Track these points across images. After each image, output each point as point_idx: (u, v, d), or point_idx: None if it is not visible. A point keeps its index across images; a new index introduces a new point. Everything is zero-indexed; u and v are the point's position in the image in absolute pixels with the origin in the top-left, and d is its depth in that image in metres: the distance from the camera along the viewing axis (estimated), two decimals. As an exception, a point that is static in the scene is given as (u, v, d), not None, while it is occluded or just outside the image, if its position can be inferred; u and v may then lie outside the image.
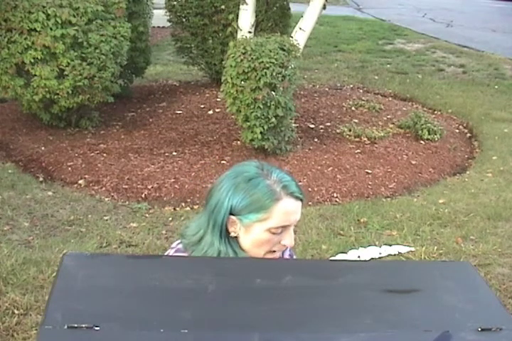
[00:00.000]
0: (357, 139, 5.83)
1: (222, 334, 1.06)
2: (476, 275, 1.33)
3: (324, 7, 5.99)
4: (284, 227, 1.47)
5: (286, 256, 1.81)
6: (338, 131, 5.99)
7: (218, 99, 6.57)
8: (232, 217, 1.47)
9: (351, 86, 8.18)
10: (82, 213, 4.29)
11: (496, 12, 16.36)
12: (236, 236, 1.50)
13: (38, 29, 5.01)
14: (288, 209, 1.45)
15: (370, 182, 5.03)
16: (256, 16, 6.22)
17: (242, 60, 4.81)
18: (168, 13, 7.04)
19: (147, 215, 4.34)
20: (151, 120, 6.16)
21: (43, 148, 5.35)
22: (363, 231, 4.23)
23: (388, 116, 6.63)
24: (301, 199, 1.48)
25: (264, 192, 1.44)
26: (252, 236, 1.48)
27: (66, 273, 1.19)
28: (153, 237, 3.96)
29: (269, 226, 1.45)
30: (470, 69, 9.51)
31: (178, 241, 1.62)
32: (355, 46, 10.61)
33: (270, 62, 4.77)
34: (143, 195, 4.63)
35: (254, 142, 5.04)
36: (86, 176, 4.86)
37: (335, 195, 4.81)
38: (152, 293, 1.17)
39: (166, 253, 1.62)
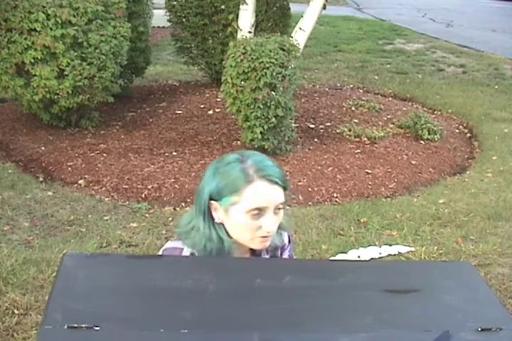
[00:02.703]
0: (357, 139, 5.83)
1: (222, 334, 1.06)
2: (476, 275, 1.33)
3: (324, 7, 5.98)
4: (261, 210, 1.48)
5: (286, 256, 1.81)
6: (338, 131, 5.99)
7: (218, 99, 6.57)
8: (213, 202, 1.51)
9: (351, 86, 8.18)
10: (82, 213, 4.29)
11: (496, 12, 16.36)
12: (222, 223, 1.53)
13: (38, 29, 5.01)
14: (260, 192, 1.47)
15: (370, 182, 5.03)
16: (256, 16, 6.22)
17: (242, 60, 4.81)
18: (168, 13, 7.04)
19: (147, 215, 4.34)
20: (151, 120, 6.16)
21: (43, 148, 5.35)
22: (363, 231, 4.23)
23: (388, 116, 6.63)
24: (278, 183, 1.49)
25: (237, 175, 1.47)
26: (232, 221, 1.51)
27: (66, 273, 1.19)
28: (153, 237, 3.96)
29: (244, 208, 1.47)
30: (470, 69, 9.51)
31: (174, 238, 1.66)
32: (355, 46, 10.61)
33: (270, 62, 4.77)
34: (143, 195, 4.63)
35: (254, 142, 5.04)
36: (86, 176, 4.86)
37: (335, 195, 4.81)
38: (152, 293, 1.17)
39: (163, 247, 1.64)
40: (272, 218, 1.50)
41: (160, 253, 1.65)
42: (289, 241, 1.84)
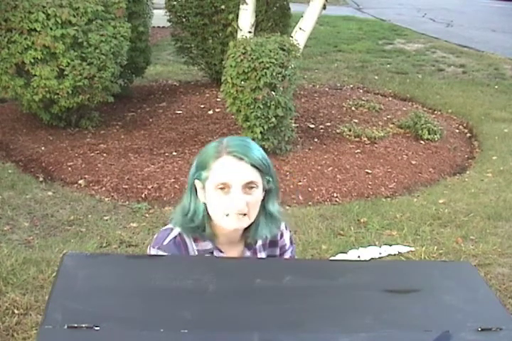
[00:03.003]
0: (357, 139, 5.83)
1: (222, 334, 1.06)
2: (476, 275, 1.33)
3: (324, 7, 5.98)
4: (228, 186, 1.52)
5: (287, 256, 1.81)
6: (338, 131, 5.99)
7: (218, 99, 6.57)
8: (196, 181, 1.59)
9: (351, 86, 8.18)
10: (82, 213, 4.29)
11: (495, 12, 16.37)
12: (205, 203, 1.59)
13: (38, 29, 5.01)
14: (226, 166, 1.53)
15: (370, 182, 5.03)
16: (256, 16, 6.22)
17: (242, 60, 4.81)
18: (168, 13, 7.04)
19: (147, 215, 4.34)
20: (151, 120, 6.16)
21: (43, 148, 5.35)
22: (363, 231, 4.23)
23: (388, 116, 6.63)
24: (244, 160, 1.53)
25: (209, 151, 1.56)
26: (208, 197, 1.56)
27: (66, 273, 1.19)
28: (153, 237, 3.95)
29: (213, 183, 1.53)
30: (470, 69, 9.51)
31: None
32: (355, 46, 10.61)
33: (270, 62, 4.77)
34: (143, 195, 4.63)
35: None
36: (86, 176, 4.86)
37: (335, 195, 4.81)
38: (152, 293, 1.17)
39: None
40: (239, 195, 1.52)
41: (155, 236, 1.71)
42: (291, 243, 1.83)
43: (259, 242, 1.71)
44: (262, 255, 1.72)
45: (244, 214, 1.54)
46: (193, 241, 1.62)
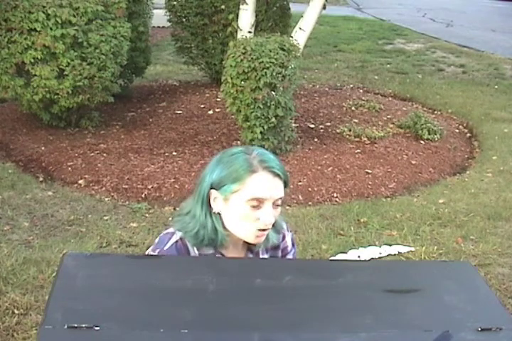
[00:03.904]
0: (357, 139, 5.83)
1: (222, 334, 1.06)
2: (476, 275, 1.33)
3: (324, 7, 5.98)
4: (261, 202, 1.48)
5: (290, 256, 1.81)
6: (338, 131, 5.99)
7: (218, 99, 6.57)
8: (213, 191, 1.52)
9: (351, 86, 8.18)
10: (82, 213, 4.29)
11: (496, 12, 16.37)
12: (219, 213, 1.54)
13: (38, 29, 5.01)
14: (263, 182, 1.48)
15: (370, 182, 5.03)
16: (256, 16, 6.22)
17: (242, 60, 4.81)
18: (168, 13, 7.04)
19: (147, 215, 4.34)
20: (151, 120, 6.16)
21: (43, 148, 5.35)
22: (363, 231, 4.23)
23: (388, 116, 6.63)
24: (279, 176, 1.50)
25: (241, 164, 1.49)
26: (231, 210, 1.51)
27: (66, 273, 1.19)
28: (153, 237, 3.95)
29: (245, 197, 1.48)
30: (470, 69, 9.51)
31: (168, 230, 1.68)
32: (355, 46, 10.61)
33: (270, 62, 4.77)
34: (143, 195, 4.63)
35: (254, 142, 5.04)
36: (86, 176, 4.86)
37: (335, 194, 4.81)
38: (152, 293, 1.17)
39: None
40: (271, 211, 1.50)
41: (156, 240, 1.67)
42: (293, 245, 1.83)
43: (262, 246, 1.71)
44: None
45: (269, 229, 1.54)
46: (195, 246, 1.60)
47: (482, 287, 1.27)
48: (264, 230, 1.53)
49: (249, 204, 1.48)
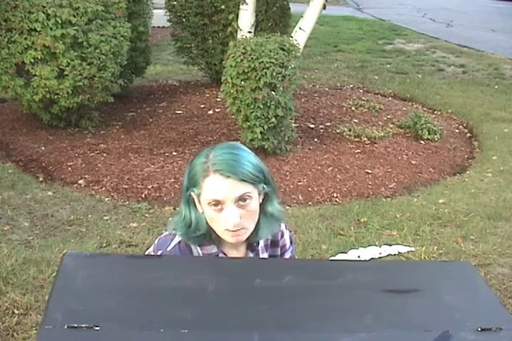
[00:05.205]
0: (357, 139, 5.83)
1: (222, 334, 1.06)
2: (476, 275, 1.33)
3: (324, 7, 5.98)
4: (221, 204, 1.51)
5: (287, 256, 1.81)
6: (338, 131, 5.99)
7: (218, 99, 6.56)
8: (191, 192, 1.57)
9: (351, 86, 8.18)
10: (82, 213, 4.29)
11: (495, 12, 16.36)
12: (203, 213, 1.58)
13: (38, 29, 5.01)
14: (214, 185, 1.51)
15: (370, 182, 5.03)
16: (256, 16, 6.22)
17: (242, 60, 4.81)
18: (168, 13, 7.04)
19: (147, 215, 4.34)
20: (151, 120, 6.16)
21: (43, 148, 5.35)
22: (363, 231, 4.23)
23: (388, 116, 6.63)
24: (231, 177, 1.50)
25: (197, 168, 1.54)
26: (204, 212, 1.56)
27: (66, 273, 1.19)
28: (153, 237, 3.95)
29: (205, 200, 1.52)
30: (470, 69, 9.51)
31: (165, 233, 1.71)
32: (355, 46, 10.61)
33: (270, 62, 4.77)
34: (143, 195, 4.63)
35: (254, 142, 5.04)
36: (86, 176, 4.86)
37: (335, 195, 4.81)
38: (152, 293, 1.17)
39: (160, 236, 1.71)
40: (233, 211, 1.51)
41: (156, 241, 1.69)
42: (291, 242, 1.83)
43: (262, 243, 1.71)
44: (265, 256, 1.72)
45: (242, 228, 1.54)
46: (198, 245, 1.61)
47: (482, 287, 1.27)
48: (239, 229, 1.53)
49: (210, 206, 1.52)
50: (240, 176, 1.51)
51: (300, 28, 5.90)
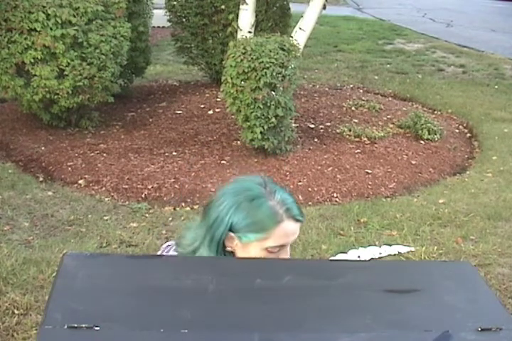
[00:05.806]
0: (357, 139, 5.83)
1: (222, 334, 1.06)
2: (476, 275, 1.33)
3: (324, 7, 5.99)
4: (282, 247, 1.48)
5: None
6: (338, 131, 5.99)
7: (218, 99, 6.57)
8: (231, 233, 1.47)
9: (351, 86, 8.18)
10: (82, 213, 4.29)
11: (495, 12, 16.36)
12: (232, 252, 1.51)
13: (38, 29, 5.01)
14: (288, 231, 1.47)
15: (370, 182, 5.03)
16: (256, 16, 6.22)
17: (242, 60, 4.81)
18: (168, 13, 7.04)
19: (147, 215, 4.34)
20: (151, 120, 6.16)
21: (43, 148, 5.35)
22: (363, 231, 4.23)
23: (388, 116, 6.63)
24: (301, 221, 1.49)
25: (266, 214, 1.43)
26: (249, 254, 1.48)
27: (66, 273, 1.19)
28: (153, 237, 3.96)
29: (268, 245, 1.46)
30: (470, 69, 9.51)
31: (168, 243, 1.65)
32: (355, 46, 10.60)
33: (270, 62, 4.77)
34: (143, 195, 4.63)
35: (254, 142, 5.04)
36: (86, 176, 4.86)
37: (335, 195, 4.81)
38: (152, 293, 1.17)
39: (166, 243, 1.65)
40: (288, 252, 1.50)
41: (159, 251, 1.66)
42: None
43: None
44: None
45: None
46: None
47: (482, 287, 1.27)
48: None
49: (270, 250, 1.47)
50: (304, 218, 1.50)
51: (300, 28, 5.90)
